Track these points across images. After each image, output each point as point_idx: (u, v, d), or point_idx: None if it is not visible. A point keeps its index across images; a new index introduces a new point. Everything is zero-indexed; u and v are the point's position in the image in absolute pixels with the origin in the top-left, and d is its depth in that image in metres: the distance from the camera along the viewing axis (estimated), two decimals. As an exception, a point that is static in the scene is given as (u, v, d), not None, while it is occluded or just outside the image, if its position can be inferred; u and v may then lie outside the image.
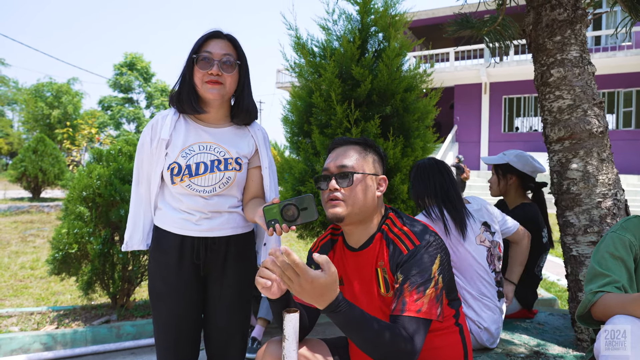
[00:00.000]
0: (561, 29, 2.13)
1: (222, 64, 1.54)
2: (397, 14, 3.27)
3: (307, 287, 1.07)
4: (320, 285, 1.08)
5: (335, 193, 1.35)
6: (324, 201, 1.39)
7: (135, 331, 3.08)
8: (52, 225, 7.66)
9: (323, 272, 1.08)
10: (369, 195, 1.36)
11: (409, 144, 3.12)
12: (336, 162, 1.39)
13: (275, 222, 1.21)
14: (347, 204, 1.34)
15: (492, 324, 1.93)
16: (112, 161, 3.31)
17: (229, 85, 1.58)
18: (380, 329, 1.17)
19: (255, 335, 2.91)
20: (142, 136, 1.63)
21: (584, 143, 2.08)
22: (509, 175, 2.56)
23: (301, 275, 1.06)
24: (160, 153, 1.58)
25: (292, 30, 3.33)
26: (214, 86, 1.54)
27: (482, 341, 1.94)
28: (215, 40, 1.57)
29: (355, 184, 1.35)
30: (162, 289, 1.60)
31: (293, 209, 1.22)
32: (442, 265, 1.30)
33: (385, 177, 1.44)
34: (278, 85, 19.76)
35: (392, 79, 3.06)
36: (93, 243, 3.01)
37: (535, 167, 2.55)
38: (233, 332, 1.67)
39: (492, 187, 2.64)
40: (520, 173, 2.54)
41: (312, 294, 1.09)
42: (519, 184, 2.56)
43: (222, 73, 1.54)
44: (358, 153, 1.41)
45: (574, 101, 2.10)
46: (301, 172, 3.12)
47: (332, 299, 1.12)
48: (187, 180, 1.55)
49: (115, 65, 33.11)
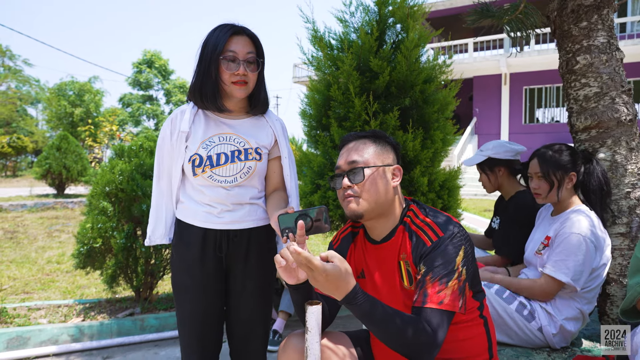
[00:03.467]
0: (587, 14, 2.07)
1: (247, 63, 1.56)
2: (416, 4, 3.22)
3: (321, 279, 1.09)
4: (334, 277, 1.09)
5: (349, 191, 1.33)
6: (341, 200, 1.38)
7: (158, 324, 3.14)
8: (77, 220, 7.85)
9: (332, 264, 1.10)
10: (384, 188, 1.34)
11: (429, 135, 3.07)
12: (347, 159, 1.37)
13: (289, 231, 1.23)
14: (363, 199, 1.32)
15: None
16: (133, 157, 3.37)
17: (252, 83, 1.60)
18: (401, 321, 1.15)
19: (276, 328, 2.93)
20: (162, 130, 1.65)
21: (611, 132, 2.02)
22: (496, 169, 2.51)
23: (314, 269, 1.08)
24: (181, 146, 1.59)
25: (309, 24, 3.31)
26: (242, 87, 1.56)
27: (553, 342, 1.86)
28: (238, 38, 1.56)
29: (367, 179, 1.33)
30: (185, 282, 1.62)
31: (307, 219, 1.23)
32: (467, 257, 1.28)
33: (400, 166, 1.42)
34: (295, 79, 19.75)
35: (410, 70, 3.02)
36: (116, 237, 3.07)
37: (515, 150, 2.51)
38: (255, 324, 1.68)
39: (486, 185, 2.59)
40: (505, 161, 2.49)
41: (328, 286, 1.11)
42: (509, 173, 2.52)
43: (247, 72, 1.56)
44: (367, 146, 1.39)
45: (601, 89, 2.04)
46: (320, 166, 3.11)
47: (348, 291, 1.12)
48: (208, 170, 1.57)
49: (134, 63, 33.63)
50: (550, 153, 1.96)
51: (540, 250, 1.92)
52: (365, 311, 1.14)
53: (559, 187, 1.91)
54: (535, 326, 1.83)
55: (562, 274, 1.77)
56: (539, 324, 1.83)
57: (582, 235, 1.77)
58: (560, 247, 1.81)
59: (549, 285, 1.82)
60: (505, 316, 1.83)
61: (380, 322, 1.15)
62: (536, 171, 1.97)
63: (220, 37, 1.55)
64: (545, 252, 1.89)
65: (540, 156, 1.99)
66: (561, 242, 1.81)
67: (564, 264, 1.77)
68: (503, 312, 1.84)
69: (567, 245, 1.78)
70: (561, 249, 1.80)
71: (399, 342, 1.16)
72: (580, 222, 1.80)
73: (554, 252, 1.83)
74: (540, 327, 1.83)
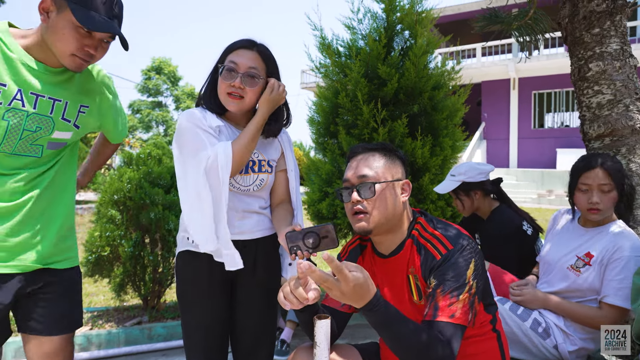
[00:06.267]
0: (600, 20, 2.04)
1: (245, 76, 1.50)
2: (424, 10, 3.21)
3: (346, 289, 1.04)
4: (360, 286, 1.05)
5: (358, 206, 1.31)
6: (349, 214, 1.36)
7: (166, 332, 3.13)
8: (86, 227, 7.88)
9: (359, 273, 1.06)
10: (394, 203, 1.32)
11: (438, 143, 3.05)
12: (356, 172, 1.34)
13: (297, 249, 1.24)
14: (373, 215, 1.30)
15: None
16: (141, 165, 3.37)
17: (249, 100, 1.53)
18: (417, 330, 1.13)
19: (284, 337, 2.90)
20: (187, 122, 1.51)
21: (626, 140, 1.98)
22: (472, 192, 2.48)
23: (343, 281, 1.03)
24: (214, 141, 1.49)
25: (317, 31, 3.31)
26: (234, 100, 1.51)
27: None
28: (243, 51, 1.53)
29: (378, 194, 1.30)
30: (192, 293, 1.60)
31: (314, 237, 1.23)
32: (477, 270, 1.25)
33: (409, 181, 1.39)
34: (302, 85, 19.80)
35: (419, 77, 3.00)
36: (124, 246, 3.07)
37: (486, 171, 2.49)
38: (261, 335, 1.66)
39: (463, 209, 2.55)
40: (479, 184, 2.46)
41: (353, 296, 1.06)
42: (484, 194, 2.50)
43: (245, 87, 1.50)
44: (378, 160, 1.36)
45: (614, 96, 2.00)
46: (328, 173, 3.10)
47: (371, 297, 1.09)
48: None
49: (143, 70, 33.93)
50: (613, 163, 1.77)
51: (580, 267, 1.78)
52: (383, 318, 1.12)
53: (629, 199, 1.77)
54: (550, 344, 1.77)
55: (626, 301, 1.64)
56: (555, 341, 1.77)
57: (637, 257, 1.66)
58: (622, 274, 1.67)
59: (617, 315, 1.68)
60: (520, 333, 1.78)
61: (396, 331, 1.12)
62: (604, 182, 1.73)
63: (227, 48, 1.55)
64: (586, 270, 1.76)
65: (607, 167, 1.75)
66: (622, 267, 1.67)
67: (627, 290, 1.64)
68: (517, 329, 1.78)
69: (628, 270, 1.66)
70: (624, 275, 1.66)
71: (412, 352, 1.13)
72: (632, 242, 1.68)
73: (614, 278, 1.68)
74: (556, 345, 1.77)
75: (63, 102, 1.38)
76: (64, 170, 1.48)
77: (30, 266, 1.39)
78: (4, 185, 1.33)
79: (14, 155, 1.33)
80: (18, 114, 1.30)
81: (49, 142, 1.39)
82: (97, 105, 1.52)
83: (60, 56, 1.30)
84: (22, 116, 1.31)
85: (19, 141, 1.32)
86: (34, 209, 1.38)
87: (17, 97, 1.29)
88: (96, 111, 1.52)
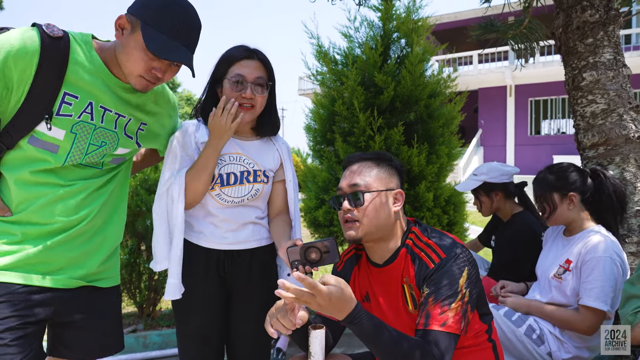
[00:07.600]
0: (593, 31, 2.05)
1: (255, 86, 1.53)
2: (420, 19, 3.23)
3: (324, 303, 1.08)
4: (337, 299, 1.09)
5: (349, 214, 1.33)
6: (341, 221, 1.38)
7: (161, 340, 3.10)
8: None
9: (336, 286, 1.09)
10: (384, 213, 1.33)
11: (434, 150, 3.06)
12: (349, 181, 1.37)
13: (298, 263, 1.25)
14: (363, 224, 1.32)
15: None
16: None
17: (259, 106, 1.57)
18: (408, 344, 1.13)
19: (280, 346, 2.89)
20: (179, 136, 1.58)
21: (619, 149, 1.99)
22: (492, 193, 2.47)
23: (317, 295, 1.07)
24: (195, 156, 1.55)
25: (313, 39, 3.33)
26: (248, 110, 1.53)
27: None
28: (247, 61, 1.54)
29: (367, 203, 1.32)
30: (187, 301, 1.59)
31: (315, 251, 1.24)
32: (470, 279, 1.26)
33: (402, 191, 1.40)
34: (300, 92, 19.84)
35: (415, 85, 3.01)
36: (120, 253, 3.06)
37: (509, 172, 2.46)
38: (256, 343, 1.66)
39: (482, 209, 2.54)
40: (501, 185, 2.45)
41: (332, 309, 1.10)
42: (504, 196, 2.48)
43: (255, 96, 1.53)
44: (370, 169, 1.37)
45: (608, 105, 2.02)
46: (324, 181, 3.10)
47: (351, 309, 1.11)
48: (217, 189, 1.55)
49: (142, 76, 33.96)
50: (544, 176, 1.92)
51: (561, 274, 1.82)
52: (368, 331, 1.12)
53: (553, 210, 1.86)
54: (544, 350, 1.78)
55: (603, 303, 1.66)
56: (549, 348, 1.78)
57: (611, 258, 1.69)
58: (593, 274, 1.69)
59: (593, 317, 1.70)
60: (514, 339, 1.78)
61: (385, 345, 1.12)
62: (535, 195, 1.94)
63: (230, 60, 1.54)
64: (567, 276, 1.79)
65: (535, 180, 1.94)
66: (593, 268, 1.70)
67: (602, 291, 1.67)
68: (512, 335, 1.79)
69: (600, 271, 1.68)
70: (595, 275, 1.69)
71: None
72: (605, 244, 1.72)
73: (587, 280, 1.71)
74: (550, 352, 1.78)
75: (127, 118, 1.36)
76: (120, 185, 1.45)
77: (75, 282, 1.32)
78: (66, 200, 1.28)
79: (79, 166, 1.30)
80: (86, 127, 1.27)
81: (112, 158, 1.37)
82: (160, 124, 1.50)
83: (128, 75, 1.27)
84: (89, 129, 1.28)
85: (85, 156, 1.29)
86: (91, 225, 1.33)
87: (88, 110, 1.26)
88: (157, 130, 1.50)
